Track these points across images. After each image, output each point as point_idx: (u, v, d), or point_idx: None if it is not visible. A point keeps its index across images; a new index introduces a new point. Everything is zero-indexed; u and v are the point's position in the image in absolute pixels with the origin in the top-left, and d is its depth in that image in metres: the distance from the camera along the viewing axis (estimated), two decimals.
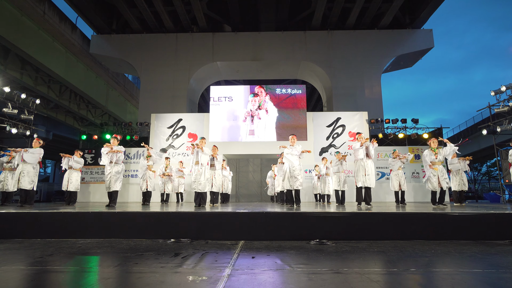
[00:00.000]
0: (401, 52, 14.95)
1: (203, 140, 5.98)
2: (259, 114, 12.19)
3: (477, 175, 33.82)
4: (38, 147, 6.62)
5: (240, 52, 15.13)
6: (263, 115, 12.20)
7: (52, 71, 15.17)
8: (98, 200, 11.41)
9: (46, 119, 20.88)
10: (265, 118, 12.18)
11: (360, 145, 5.94)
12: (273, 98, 12.38)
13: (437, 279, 2.08)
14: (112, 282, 2.06)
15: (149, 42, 15.33)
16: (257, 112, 12.21)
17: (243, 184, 14.21)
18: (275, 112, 12.23)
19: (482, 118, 21.55)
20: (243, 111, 12.31)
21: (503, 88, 9.75)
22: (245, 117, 12.20)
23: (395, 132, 12.19)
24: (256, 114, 12.18)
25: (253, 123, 12.16)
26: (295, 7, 15.13)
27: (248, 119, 12.18)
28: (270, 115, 12.20)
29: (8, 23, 12.36)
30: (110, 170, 5.97)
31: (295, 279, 2.13)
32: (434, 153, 5.75)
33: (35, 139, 6.80)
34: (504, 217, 3.79)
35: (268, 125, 12.14)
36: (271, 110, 12.24)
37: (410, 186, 10.91)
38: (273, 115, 12.20)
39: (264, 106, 12.23)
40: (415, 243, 3.44)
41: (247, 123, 12.17)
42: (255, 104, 12.25)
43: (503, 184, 12.04)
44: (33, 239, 3.80)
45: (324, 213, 3.99)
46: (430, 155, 5.77)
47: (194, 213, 4.08)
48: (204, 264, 2.52)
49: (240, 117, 12.26)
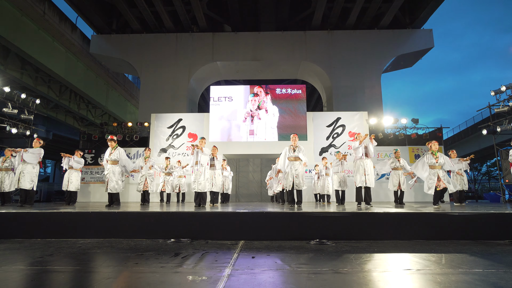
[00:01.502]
0: (401, 52, 14.95)
1: (203, 140, 5.98)
2: (259, 114, 12.19)
3: (477, 175, 33.82)
4: (38, 147, 6.61)
5: (240, 52, 15.14)
6: (263, 115, 12.20)
7: (52, 71, 15.16)
8: (98, 200, 11.41)
9: (46, 119, 20.87)
10: (265, 118, 12.18)
11: (360, 143, 5.93)
12: (273, 98, 12.38)
13: (437, 279, 2.08)
14: (112, 282, 2.06)
15: (149, 42, 15.33)
16: (257, 112, 12.21)
17: (243, 184, 14.21)
18: (276, 111, 12.23)
19: (482, 118, 21.54)
20: (243, 111, 12.31)
21: (503, 88, 9.75)
22: (245, 117, 12.20)
23: (395, 132, 12.19)
24: (256, 115, 12.18)
25: (253, 123, 12.16)
26: (295, 7, 15.14)
27: (248, 119, 12.19)
28: (270, 115, 12.20)
29: (8, 23, 12.35)
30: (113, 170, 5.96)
31: (295, 279, 2.13)
32: (435, 156, 5.68)
33: (36, 139, 6.79)
34: (504, 217, 3.79)
35: (268, 125, 12.14)
36: (271, 110, 12.24)
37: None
38: (273, 115, 12.20)
39: (264, 106, 12.23)
40: (415, 243, 3.44)
41: (247, 123, 12.17)
42: (255, 104, 12.25)
43: (503, 184, 12.03)
44: (33, 239, 3.80)
45: (324, 213, 3.99)
46: (431, 159, 5.72)
47: (194, 213, 4.08)
48: (204, 264, 2.52)
49: (240, 117, 12.26)
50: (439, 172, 5.53)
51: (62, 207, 5.43)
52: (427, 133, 12.03)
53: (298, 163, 5.71)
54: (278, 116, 12.18)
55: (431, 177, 5.58)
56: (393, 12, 14.22)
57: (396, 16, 14.89)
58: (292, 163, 5.72)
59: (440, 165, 5.56)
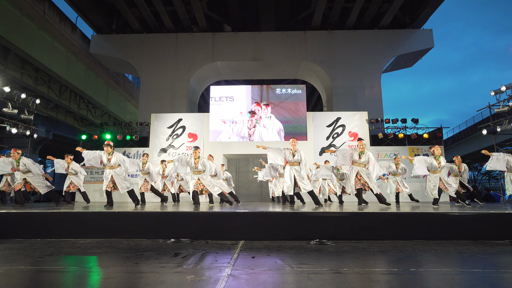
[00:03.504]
0: (401, 52, 14.94)
1: (197, 150, 5.97)
2: (255, 131, 12.14)
3: (477, 175, 33.82)
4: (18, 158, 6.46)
5: (240, 52, 15.14)
6: (261, 130, 12.14)
7: (52, 71, 15.16)
8: (98, 200, 11.41)
9: (46, 119, 20.87)
10: (265, 132, 12.14)
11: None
12: (273, 108, 12.27)
13: (437, 279, 2.08)
14: (112, 282, 2.06)
15: (149, 42, 15.33)
16: (252, 131, 12.16)
17: (243, 184, 14.19)
18: (276, 125, 12.15)
19: (482, 118, 21.53)
20: (243, 111, 12.29)
21: (503, 88, 9.74)
22: (249, 134, 12.12)
23: (395, 132, 12.18)
24: (252, 133, 12.13)
25: (253, 136, 12.14)
26: (295, 7, 15.13)
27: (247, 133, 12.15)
28: (269, 129, 12.11)
29: (8, 23, 12.35)
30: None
31: (295, 279, 2.13)
32: (438, 161, 5.81)
33: (12, 149, 6.57)
34: (504, 217, 3.79)
35: (269, 133, 12.14)
36: (271, 126, 12.15)
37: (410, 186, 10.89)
38: (273, 128, 12.14)
39: (261, 123, 12.13)
40: (415, 243, 3.44)
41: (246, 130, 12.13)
42: (252, 123, 12.19)
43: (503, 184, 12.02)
44: (33, 239, 3.80)
45: (324, 213, 3.99)
46: (434, 163, 5.83)
47: (194, 213, 4.08)
48: (204, 264, 2.52)
49: (240, 117, 12.24)
50: (440, 176, 5.80)
51: (62, 207, 5.43)
52: (427, 133, 12.02)
53: (299, 167, 5.72)
54: (279, 129, 12.10)
55: (433, 180, 5.83)
56: (393, 12, 14.22)
57: (396, 16, 14.89)
58: (292, 167, 5.72)
59: (441, 169, 5.79)
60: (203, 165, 5.91)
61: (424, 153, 11.48)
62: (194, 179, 5.92)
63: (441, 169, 5.80)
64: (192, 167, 5.88)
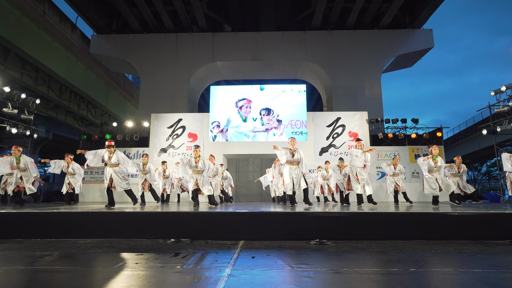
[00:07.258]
0: (401, 52, 14.94)
1: (197, 149, 5.98)
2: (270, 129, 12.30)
3: (477, 175, 33.80)
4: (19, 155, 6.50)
5: (240, 52, 15.14)
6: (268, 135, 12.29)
7: (52, 71, 15.16)
8: (98, 200, 11.41)
9: (46, 119, 20.87)
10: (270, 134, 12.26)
11: (362, 153, 6.01)
12: (273, 108, 12.31)
13: (437, 279, 2.08)
14: (112, 282, 2.06)
15: (149, 42, 15.33)
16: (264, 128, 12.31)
17: (243, 184, 14.20)
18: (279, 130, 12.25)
19: (482, 118, 21.53)
20: (243, 111, 12.30)
21: (503, 88, 9.74)
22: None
23: (395, 132, 12.18)
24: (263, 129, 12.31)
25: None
26: (295, 7, 15.13)
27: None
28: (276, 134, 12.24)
29: (8, 23, 12.35)
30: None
31: (295, 279, 2.13)
32: (434, 161, 5.84)
33: (14, 146, 6.61)
34: (504, 217, 3.79)
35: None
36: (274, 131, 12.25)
37: (410, 186, 10.90)
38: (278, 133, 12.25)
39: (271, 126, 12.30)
40: (415, 243, 3.44)
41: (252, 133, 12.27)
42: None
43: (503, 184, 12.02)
44: (33, 239, 3.80)
45: (324, 213, 3.99)
46: (431, 164, 5.85)
47: (194, 213, 4.08)
48: (204, 264, 2.52)
49: (240, 116, 12.26)
50: (437, 176, 5.82)
51: (62, 207, 5.43)
52: (427, 133, 12.02)
53: (298, 167, 5.75)
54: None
55: (431, 180, 5.84)
56: (393, 12, 14.22)
57: (396, 16, 14.89)
58: (292, 167, 5.75)
59: (438, 169, 5.80)
60: (203, 164, 5.91)
61: (424, 153, 11.49)
62: (194, 178, 5.92)
63: (438, 169, 5.82)
64: (193, 166, 5.89)
